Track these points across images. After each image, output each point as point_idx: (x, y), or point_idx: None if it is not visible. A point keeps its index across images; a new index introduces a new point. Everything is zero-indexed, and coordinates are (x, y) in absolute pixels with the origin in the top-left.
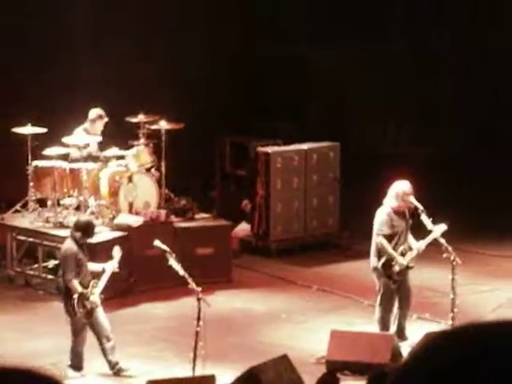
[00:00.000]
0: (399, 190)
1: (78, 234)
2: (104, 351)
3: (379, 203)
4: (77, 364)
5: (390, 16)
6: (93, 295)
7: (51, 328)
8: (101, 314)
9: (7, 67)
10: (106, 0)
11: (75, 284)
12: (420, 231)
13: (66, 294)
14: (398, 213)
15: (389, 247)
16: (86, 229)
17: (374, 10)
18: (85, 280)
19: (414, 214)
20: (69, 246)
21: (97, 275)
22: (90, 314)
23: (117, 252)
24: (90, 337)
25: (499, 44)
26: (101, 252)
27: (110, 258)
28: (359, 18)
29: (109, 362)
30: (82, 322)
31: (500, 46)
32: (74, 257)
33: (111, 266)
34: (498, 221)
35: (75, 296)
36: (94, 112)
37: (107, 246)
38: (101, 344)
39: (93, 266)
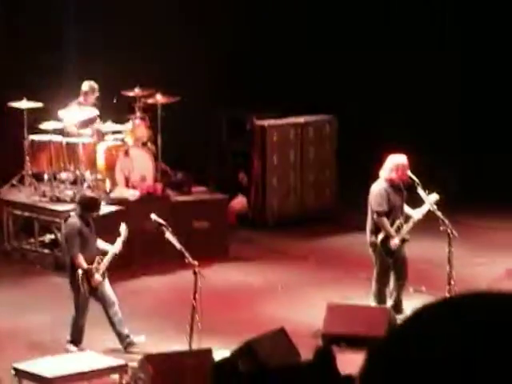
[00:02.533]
0: (398, 163)
1: (82, 210)
2: (112, 324)
3: (376, 176)
4: (77, 338)
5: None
6: (97, 271)
7: (48, 303)
8: (107, 288)
9: (0, 41)
10: None
11: (81, 260)
12: (415, 204)
13: (71, 269)
14: (394, 186)
15: (388, 225)
16: (89, 204)
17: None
18: (90, 255)
19: (410, 187)
20: (72, 221)
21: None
22: (93, 289)
23: (123, 229)
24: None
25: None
26: (98, 226)
27: (117, 234)
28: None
29: (118, 334)
30: (85, 298)
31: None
32: (78, 232)
33: (119, 243)
34: (494, 192)
35: (80, 272)
36: (87, 84)
37: (103, 219)
38: (109, 318)
39: (101, 245)
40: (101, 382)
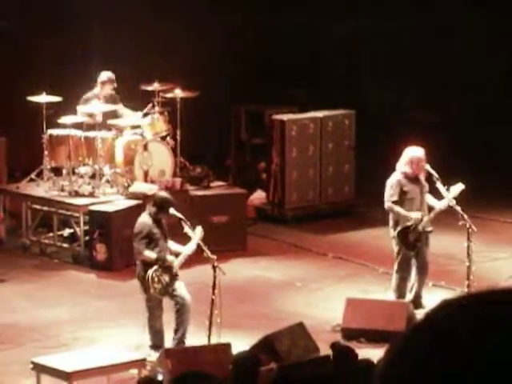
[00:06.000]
0: (413, 157)
1: (153, 209)
2: (177, 326)
3: (394, 170)
4: (158, 342)
5: None
6: (167, 273)
7: (66, 296)
8: (182, 289)
9: (20, 35)
10: None
11: (147, 253)
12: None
13: (142, 269)
14: (411, 178)
15: (399, 209)
16: (161, 204)
17: None
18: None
19: (429, 181)
20: (142, 219)
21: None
22: (165, 289)
23: (199, 231)
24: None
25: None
26: (116, 221)
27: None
28: None
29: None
30: (157, 298)
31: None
32: (147, 231)
33: (192, 245)
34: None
35: (150, 272)
36: (105, 75)
37: (122, 214)
38: (176, 318)
39: (173, 246)
40: (119, 377)
